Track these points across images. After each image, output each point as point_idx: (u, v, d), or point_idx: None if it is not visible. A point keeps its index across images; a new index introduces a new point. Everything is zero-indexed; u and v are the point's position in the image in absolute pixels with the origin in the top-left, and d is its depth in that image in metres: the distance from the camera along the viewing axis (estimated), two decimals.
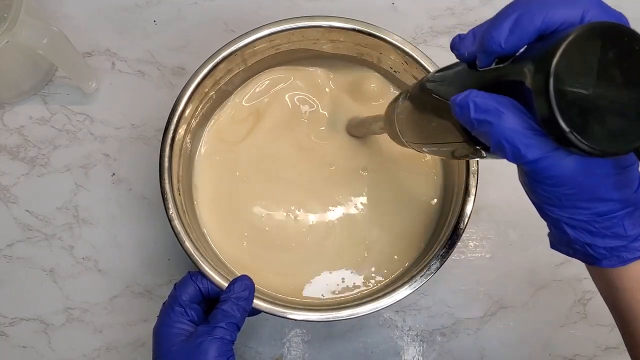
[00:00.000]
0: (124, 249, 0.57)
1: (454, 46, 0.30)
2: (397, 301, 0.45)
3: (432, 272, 0.46)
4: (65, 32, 0.51)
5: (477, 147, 0.29)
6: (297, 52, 0.53)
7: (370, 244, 0.53)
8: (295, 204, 0.53)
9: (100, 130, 0.59)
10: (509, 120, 0.25)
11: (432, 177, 0.54)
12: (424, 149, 0.38)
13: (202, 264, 0.45)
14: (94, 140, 0.59)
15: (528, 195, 0.30)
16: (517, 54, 0.26)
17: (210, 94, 0.52)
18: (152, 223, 0.57)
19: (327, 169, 0.54)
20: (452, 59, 0.60)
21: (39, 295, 0.56)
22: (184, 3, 0.62)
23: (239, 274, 0.46)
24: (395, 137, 0.42)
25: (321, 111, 0.55)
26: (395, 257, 0.52)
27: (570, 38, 0.22)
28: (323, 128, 0.55)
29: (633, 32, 0.23)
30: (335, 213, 0.53)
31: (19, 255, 0.57)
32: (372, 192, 0.54)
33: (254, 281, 0.45)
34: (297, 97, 0.55)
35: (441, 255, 0.46)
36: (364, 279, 0.52)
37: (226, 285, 0.45)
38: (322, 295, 0.51)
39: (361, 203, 0.54)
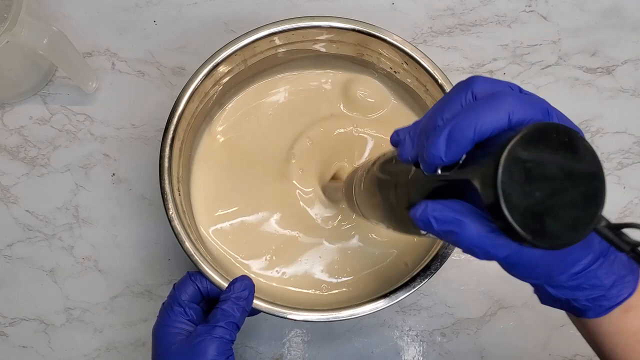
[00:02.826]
0: (124, 249, 0.57)
1: (394, 145, 0.32)
2: (397, 301, 0.45)
3: (432, 272, 0.46)
4: (65, 32, 0.51)
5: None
6: (297, 52, 0.53)
7: (373, 244, 0.53)
8: (297, 204, 0.53)
9: (100, 130, 0.59)
10: (472, 228, 0.26)
11: None
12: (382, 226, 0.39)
13: (202, 264, 0.45)
14: (94, 140, 0.59)
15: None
16: (460, 161, 0.27)
17: (211, 94, 0.52)
18: (152, 223, 0.57)
19: (330, 171, 0.54)
20: (451, 58, 0.61)
21: (39, 295, 0.56)
22: (184, 3, 0.62)
23: (239, 274, 0.46)
24: (354, 211, 0.43)
25: (324, 113, 0.55)
26: (397, 255, 0.52)
27: (504, 156, 0.23)
28: (323, 130, 0.55)
29: (557, 126, 0.24)
30: (336, 215, 0.53)
31: (19, 255, 0.57)
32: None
33: (254, 281, 0.45)
34: (299, 97, 0.55)
35: (441, 255, 0.46)
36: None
37: (226, 285, 0.45)
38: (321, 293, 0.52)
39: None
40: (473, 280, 0.57)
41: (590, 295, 0.30)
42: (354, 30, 0.50)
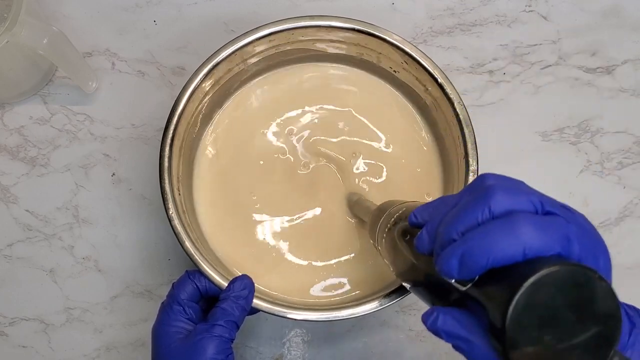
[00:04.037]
0: (124, 249, 0.57)
1: (412, 226, 0.33)
2: (397, 301, 0.45)
3: None
4: (65, 32, 0.51)
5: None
6: (297, 52, 0.53)
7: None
8: (296, 204, 0.53)
9: (100, 130, 0.59)
10: (480, 348, 0.26)
11: (431, 174, 0.54)
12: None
13: (202, 264, 0.45)
14: (94, 140, 0.59)
15: None
16: (475, 280, 0.26)
17: (211, 94, 0.52)
18: (152, 223, 0.57)
19: (331, 171, 0.54)
20: (451, 58, 0.61)
21: (39, 295, 0.56)
22: (184, 3, 0.62)
23: (239, 274, 0.46)
24: (374, 245, 0.43)
25: (326, 111, 0.55)
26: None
27: (512, 305, 0.23)
28: (327, 133, 0.55)
29: (573, 269, 0.23)
30: (336, 216, 0.53)
31: (19, 255, 0.57)
32: (373, 191, 0.54)
33: (254, 281, 0.45)
34: (300, 96, 0.55)
35: None
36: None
37: (226, 284, 0.45)
38: (321, 295, 0.51)
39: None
40: None
41: None
42: (354, 30, 0.50)
